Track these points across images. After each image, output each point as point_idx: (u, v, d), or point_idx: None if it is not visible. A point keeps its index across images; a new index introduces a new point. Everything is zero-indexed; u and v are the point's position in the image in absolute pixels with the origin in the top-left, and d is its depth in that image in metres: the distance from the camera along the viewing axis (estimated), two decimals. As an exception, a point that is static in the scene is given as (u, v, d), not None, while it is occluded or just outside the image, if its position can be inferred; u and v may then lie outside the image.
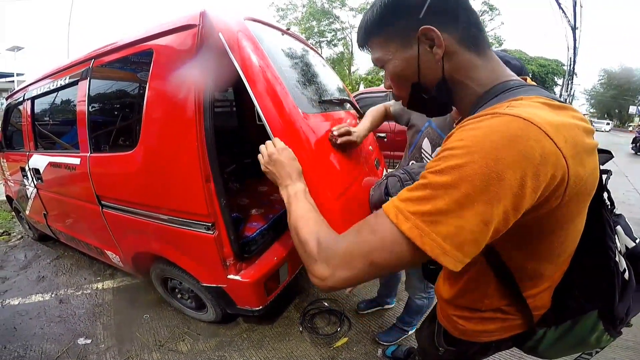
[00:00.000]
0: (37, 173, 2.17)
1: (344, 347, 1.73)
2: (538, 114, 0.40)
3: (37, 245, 3.16)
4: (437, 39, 0.52)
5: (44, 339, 1.87)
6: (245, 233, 1.57)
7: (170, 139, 1.33)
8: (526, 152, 0.37)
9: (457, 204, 0.38)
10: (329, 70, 2.11)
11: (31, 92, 2.21)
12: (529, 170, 0.37)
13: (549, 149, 0.37)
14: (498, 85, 0.53)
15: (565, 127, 0.40)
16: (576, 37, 15.20)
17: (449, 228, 0.39)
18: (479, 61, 0.55)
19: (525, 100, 0.44)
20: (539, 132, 0.37)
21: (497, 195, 0.37)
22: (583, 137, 0.42)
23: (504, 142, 0.37)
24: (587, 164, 0.42)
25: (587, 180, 0.43)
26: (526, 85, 0.51)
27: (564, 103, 0.46)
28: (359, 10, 22.60)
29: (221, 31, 1.11)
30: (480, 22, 0.56)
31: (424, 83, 0.57)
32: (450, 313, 0.70)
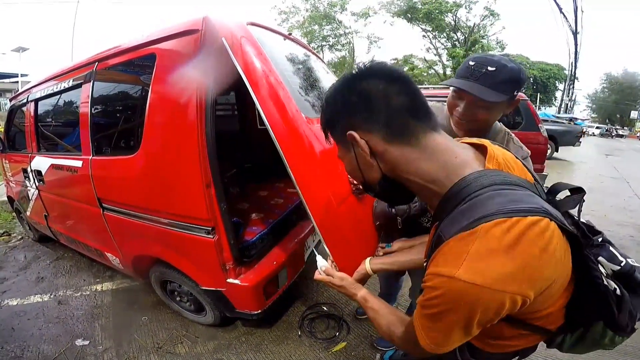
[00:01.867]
0: (39, 175, 2.18)
1: (342, 352, 1.72)
2: (493, 272, 0.46)
3: (37, 246, 3.16)
4: (357, 141, 0.55)
5: (41, 340, 1.87)
6: (245, 237, 1.58)
7: (172, 143, 1.34)
8: (484, 308, 0.48)
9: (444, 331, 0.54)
10: (330, 75, 2.12)
11: (35, 94, 2.23)
12: (490, 314, 0.49)
13: (504, 299, 0.47)
14: (456, 185, 0.53)
15: (522, 269, 0.47)
16: (577, 41, 15.24)
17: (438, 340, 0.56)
18: (414, 154, 0.54)
19: (483, 239, 0.47)
20: (492, 293, 0.46)
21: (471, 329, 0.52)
22: (543, 257, 0.48)
23: (465, 308, 0.48)
24: (551, 268, 0.50)
25: (552, 277, 0.51)
26: (487, 188, 0.52)
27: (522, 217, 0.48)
28: (360, 15, 22.72)
29: (224, 36, 1.12)
30: (412, 102, 0.54)
31: (368, 181, 0.61)
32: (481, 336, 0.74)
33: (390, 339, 0.72)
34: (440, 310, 0.52)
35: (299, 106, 1.27)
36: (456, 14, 20.50)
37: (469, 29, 20.90)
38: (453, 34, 21.47)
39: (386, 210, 1.16)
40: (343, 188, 1.19)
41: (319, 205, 1.07)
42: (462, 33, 21.22)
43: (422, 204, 1.11)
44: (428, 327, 0.56)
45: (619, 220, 3.88)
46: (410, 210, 1.10)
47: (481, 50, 19.80)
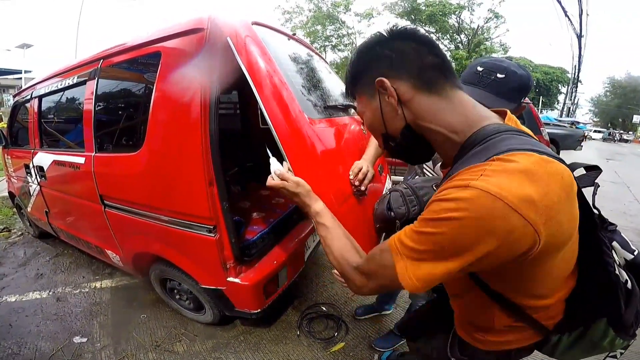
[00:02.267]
0: (41, 170, 2.18)
1: (340, 352, 1.72)
2: (509, 187, 0.42)
3: (37, 242, 3.17)
4: (387, 86, 0.56)
5: (39, 337, 1.87)
6: (246, 236, 1.58)
7: (175, 141, 1.34)
8: (492, 230, 0.42)
9: (434, 257, 0.47)
10: (333, 75, 2.12)
11: (39, 91, 2.24)
12: (495, 243, 0.42)
13: (515, 224, 0.41)
14: (475, 134, 0.53)
15: (541, 195, 0.42)
16: (581, 44, 15.23)
17: (423, 272, 0.49)
18: (442, 104, 0.56)
19: (500, 163, 0.45)
20: (506, 209, 0.41)
21: (464, 258, 0.45)
22: (562, 194, 0.44)
23: (472, 221, 0.42)
24: (564, 217, 0.45)
25: (565, 230, 0.47)
26: (503, 133, 0.51)
27: (538, 153, 0.46)
28: (363, 16, 22.73)
29: (229, 35, 1.12)
30: (442, 62, 0.56)
31: (390, 132, 0.61)
32: (469, 328, 0.72)
33: (340, 267, 0.65)
34: (438, 224, 0.46)
35: (302, 107, 1.26)
36: (460, 16, 20.50)
37: (472, 31, 20.89)
38: (456, 36, 21.47)
39: (385, 213, 1.15)
40: (344, 189, 1.19)
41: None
42: (466, 35, 21.22)
43: (421, 207, 1.10)
44: (416, 249, 0.49)
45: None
46: (410, 213, 1.08)
47: (485, 52, 19.79)
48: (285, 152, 1.05)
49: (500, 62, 0.94)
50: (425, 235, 0.47)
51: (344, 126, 1.53)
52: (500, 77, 0.90)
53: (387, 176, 1.87)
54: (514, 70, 0.91)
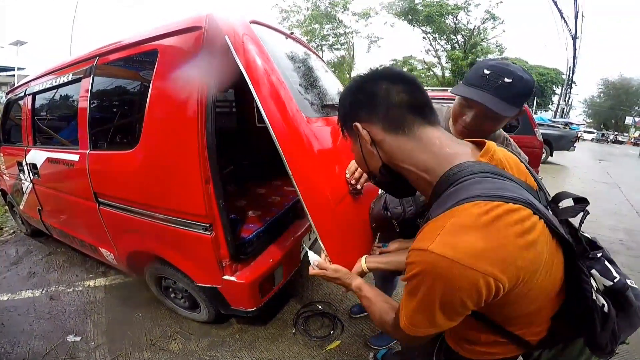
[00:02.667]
0: (34, 168, 2.16)
1: (336, 350, 1.73)
2: (465, 246, 0.47)
3: (29, 240, 3.13)
4: (359, 130, 0.62)
5: (32, 336, 1.85)
6: (241, 234, 1.58)
7: (172, 139, 1.33)
8: (455, 286, 0.48)
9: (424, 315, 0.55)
10: (330, 74, 2.13)
11: (33, 88, 2.21)
12: (462, 296, 0.49)
13: (475, 278, 0.47)
14: (446, 174, 0.57)
15: (495, 249, 0.47)
16: (576, 46, 15.37)
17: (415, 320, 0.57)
18: (410, 144, 0.59)
19: (460, 215, 0.49)
20: (463, 269, 0.46)
21: (446, 309, 0.52)
22: (518, 242, 0.48)
23: (437, 283, 0.49)
24: (525, 261, 0.49)
25: (530, 269, 0.50)
26: (476, 175, 0.54)
27: (501, 202, 0.49)
28: (361, 16, 22.73)
29: (227, 34, 1.12)
30: (414, 100, 0.59)
31: (371, 170, 0.68)
32: (457, 339, 0.75)
33: (382, 327, 0.72)
34: (415, 284, 0.52)
35: (300, 105, 1.27)
36: (457, 16, 20.57)
37: (469, 32, 20.98)
38: (453, 37, 21.54)
39: (382, 212, 1.16)
40: (341, 188, 1.19)
41: (317, 204, 1.07)
42: (463, 36, 21.30)
43: (417, 207, 1.12)
44: (407, 306, 0.57)
45: (610, 224, 3.94)
46: (406, 213, 1.10)
47: (481, 53, 19.89)
48: (283, 151, 1.05)
49: (507, 66, 0.93)
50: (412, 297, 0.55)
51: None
52: (507, 81, 0.89)
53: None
54: (521, 75, 0.91)
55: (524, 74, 0.92)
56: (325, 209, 1.09)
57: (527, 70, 0.95)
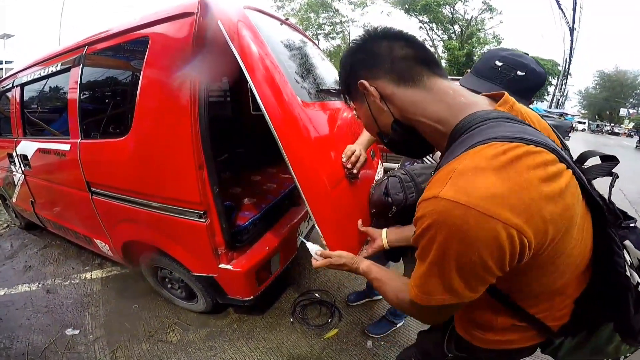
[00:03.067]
0: (25, 159, 2.12)
1: (334, 339, 1.73)
2: (480, 190, 0.40)
3: (23, 234, 3.10)
4: (367, 87, 0.58)
5: (30, 330, 1.84)
6: (237, 222, 1.56)
7: (164, 125, 1.31)
8: (472, 239, 0.41)
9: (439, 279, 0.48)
10: (326, 62, 2.09)
11: (21, 79, 2.16)
12: (481, 252, 0.41)
13: (495, 228, 0.40)
14: (460, 122, 0.52)
15: (516, 192, 0.40)
16: (573, 37, 15.32)
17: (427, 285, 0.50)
18: (421, 95, 0.56)
19: (474, 157, 0.43)
20: (480, 217, 0.39)
21: (465, 272, 0.45)
22: (543, 189, 0.41)
23: (450, 235, 0.42)
24: (554, 211, 0.42)
25: (557, 224, 0.43)
26: (492, 120, 0.49)
27: (521, 143, 0.44)
28: (357, 4, 22.45)
29: (220, 19, 1.09)
30: (417, 53, 0.57)
31: (382, 129, 0.63)
32: (468, 325, 0.70)
33: (400, 307, 0.66)
34: (425, 242, 0.46)
35: (295, 90, 1.25)
36: (454, 6, 20.38)
37: (466, 22, 20.82)
38: (450, 26, 21.38)
39: (382, 198, 1.14)
40: (337, 172, 1.18)
41: (313, 189, 1.06)
42: (460, 26, 21.14)
43: (418, 194, 1.10)
44: (417, 271, 0.51)
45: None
46: (407, 200, 1.07)
47: (477, 44, 19.79)
48: (278, 135, 1.03)
49: (520, 58, 0.90)
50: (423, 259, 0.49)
51: (337, 110, 1.51)
52: (520, 74, 0.87)
53: (379, 162, 1.86)
54: (534, 67, 0.88)
55: (536, 66, 0.89)
56: (321, 194, 1.08)
57: (540, 63, 0.92)
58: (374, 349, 1.67)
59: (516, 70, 0.87)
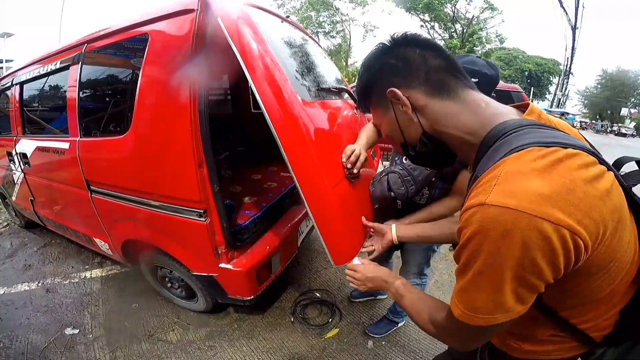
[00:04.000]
0: (25, 157, 2.11)
1: (335, 338, 1.73)
2: (527, 192, 0.39)
3: (23, 232, 3.09)
4: (400, 97, 0.56)
5: (30, 329, 1.84)
6: (237, 221, 1.55)
7: (163, 123, 1.30)
8: (523, 242, 0.39)
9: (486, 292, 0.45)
10: (327, 60, 2.08)
11: (20, 77, 2.15)
12: (535, 256, 0.40)
13: (547, 230, 0.38)
14: (490, 133, 0.52)
15: (563, 193, 0.39)
16: (575, 37, 15.25)
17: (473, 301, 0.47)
18: (455, 107, 0.55)
19: (514, 163, 0.43)
20: (531, 219, 0.38)
21: (516, 281, 0.42)
22: (589, 189, 0.41)
23: (502, 243, 0.40)
24: (603, 211, 0.41)
25: (608, 225, 0.42)
26: (525, 127, 0.49)
27: (558, 147, 0.43)
28: (358, 3, 22.40)
29: (220, 16, 1.08)
30: (449, 64, 0.56)
31: (408, 140, 0.62)
32: (504, 335, 0.67)
33: (435, 329, 0.61)
34: (470, 253, 0.44)
35: (296, 88, 1.23)
36: (455, 5, 20.32)
37: (467, 21, 20.76)
38: (451, 25, 21.32)
39: (386, 193, 1.17)
40: (337, 172, 1.17)
41: (313, 189, 1.05)
42: (461, 25, 21.09)
43: (418, 186, 1.12)
44: (461, 286, 0.47)
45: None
46: (408, 193, 1.11)
47: (479, 42, 19.75)
48: (277, 134, 1.01)
49: (472, 66, 0.96)
50: (468, 273, 0.46)
51: (338, 109, 1.50)
52: (474, 81, 0.92)
53: (380, 161, 1.85)
54: (485, 72, 0.95)
55: (489, 70, 0.96)
56: (321, 194, 1.06)
57: (492, 65, 0.98)
58: (374, 349, 1.66)
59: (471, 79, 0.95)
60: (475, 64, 0.98)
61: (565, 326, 0.56)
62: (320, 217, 1.05)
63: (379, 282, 0.82)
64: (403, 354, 1.64)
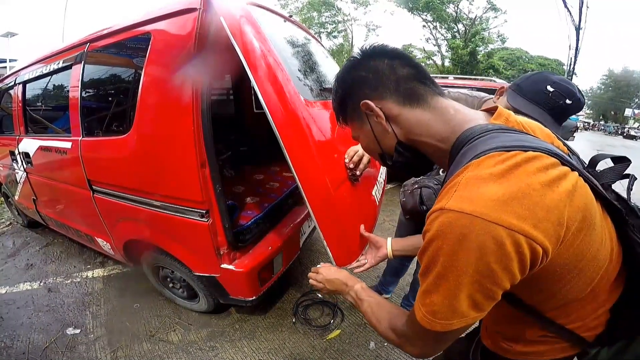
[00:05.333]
0: (27, 157, 2.12)
1: (336, 339, 1.72)
2: (483, 198, 0.41)
3: (26, 232, 3.10)
4: (372, 109, 0.58)
5: (31, 329, 1.84)
6: (240, 221, 1.55)
7: (166, 123, 1.29)
8: (477, 246, 0.40)
9: (444, 296, 0.45)
10: (330, 60, 2.07)
11: (23, 77, 2.16)
12: (490, 261, 0.40)
13: (500, 235, 0.39)
14: (458, 139, 0.53)
15: (519, 198, 0.40)
16: (579, 37, 15.13)
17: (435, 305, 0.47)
18: (426, 115, 0.57)
19: (475, 167, 0.45)
20: (485, 225, 0.40)
21: (472, 286, 0.43)
22: (546, 192, 0.42)
23: (457, 246, 0.41)
24: (563, 213, 0.42)
25: (570, 227, 0.43)
26: (490, 132, 0.50)
27: (519, 151, 0.44)
28: (360, 3, 22.37)
29: (223, 15, 1.07)
30: (417, 72, 0.57)
31: (385, 150, 0.63)
32: (496, 336, 0.68)
33: (390, 335, 0.61)
34: (431, 255, 0.45)
35: (298, 88, 1.23)
36: (458, 5, 20.22)
37: (470, 21, 20.67)
38: (454, 25, 21.23)
39: (418, 207, 1.23)
40: (339, 173, 1.16)
41: (315, 190, 1.05)
42: (464, 25, 20.99)
43: None
44: (424, 290, 0.48)
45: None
46: None
47: (481, 43, 19.65)
48: (280, 135, 1.01)
49: (570, 87, 0.91)
50: (429, 277, 0.47)
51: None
52: (568, 103, 0.89)
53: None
54: (579, 97, 0.91)
55: (581, 95, 0.92)
56: (324, 195, 1.06)
57: (580, 90, 0.94)
58: (376, 350, 1.65)
59: (565, 99, 0.89)
60: (571, 85, 0.94)
61: (554, 327, 0.56)
62: (322, 218, 1.04)
63: (338, 285, 0.82)
64: (405, 355, 1.63)
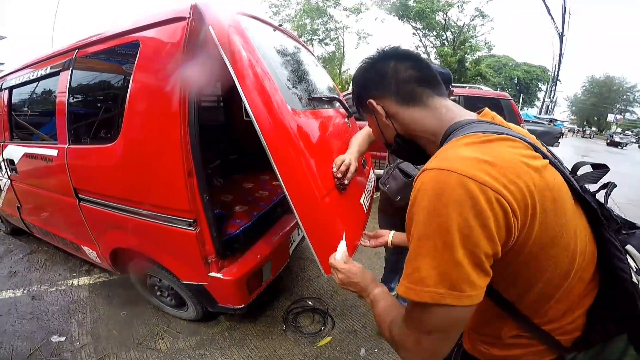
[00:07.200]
0: (12, 164, 2.08)
1: (327, 347, 1.72)
2: (459, 157, 0.46)
3: (9, 239, 3.02)
4: (374, 107, 0.67)
5: (14, 336, 1.79)
6: (228, 230, 1.54)
7: (153, 131, 1.29)
8: (455, 199, 0.43)
9: (430, 257, 0.45)
10: (320, 69, 2.10)
11: (9, 82, 2.13)
12: (466, 211, 0.42)
13: (473, 189, 0.43)
14: (446, 132, 0.60)
15: (490, 161, 0.45)
16: (562, 43, 15.59)
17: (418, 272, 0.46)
18: (421, 113, 0.64)
19: (455, 141, 0.52)
20: (459, 178, 0.43)
21: (458, 249, 0.43)
22: (517, 159, 0.47)
23: (435, 198, 0.44)
24: (533, 181, 0.46)
25: (539, 198, 0.46)
26: (473, 123, 0.57)
27: (501, 134, 0.51)
28: (352, 10, 22.61)
29: (212, 25, 1.09)
30: (420, 74, 0.65)
31: (387, 140, 0.73)
32: (475, 338, 0.69)
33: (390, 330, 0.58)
34: (415, 212, 0.47)
35: (286, 98, 1.24)
36: (447, 13, 20.65)
37: (458, 29, 21.11)
38: (443, 33, 21.64)
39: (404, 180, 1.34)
40: (327, 182, 1.17)
41: (303, 199, 1.05)
42: (452, 32, 21.42)
43: None
44: (408, 259, 0.48)
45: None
46: None
47: (469, 50, 20.08)
48: (267, 143, 1.02)
49: None
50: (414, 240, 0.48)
51: (329, 118, 1.51)
52: None
53: (371, 170, 1.87)
54: (440, 71, 1.15)
55: (442, 69, 1.21)
56: (311, 204, 1.07)
57: (443, 67, 1.20)
58: (367, 357, 1.66)
59: None
60: None
61: (529, 325, 0.56)
62: (310, 227, 1.05)
63: (358, 288, 0.77)
64: None
